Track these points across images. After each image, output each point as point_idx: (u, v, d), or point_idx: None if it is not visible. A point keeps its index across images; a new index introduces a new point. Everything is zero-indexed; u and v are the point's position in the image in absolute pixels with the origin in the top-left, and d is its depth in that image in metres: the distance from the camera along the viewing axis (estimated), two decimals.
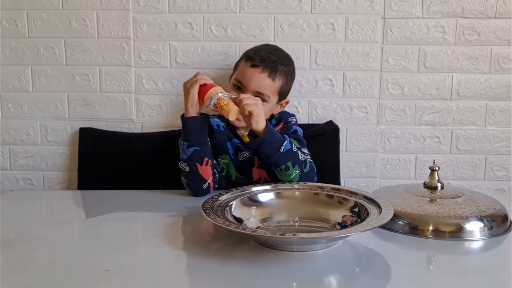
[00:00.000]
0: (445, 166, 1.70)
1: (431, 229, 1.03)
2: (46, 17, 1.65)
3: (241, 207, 1.08)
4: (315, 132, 1.60)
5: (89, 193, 1.46)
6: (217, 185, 1.35)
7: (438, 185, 1.15)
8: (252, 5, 1.62)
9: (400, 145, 1.71)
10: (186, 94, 1.29)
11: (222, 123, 1.44)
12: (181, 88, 1.66)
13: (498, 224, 1.06)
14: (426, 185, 1.16)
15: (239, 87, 1.38)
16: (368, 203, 1.04)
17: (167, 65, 1.67)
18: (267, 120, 1.25)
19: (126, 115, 1.70)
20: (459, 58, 1.65)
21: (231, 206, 1.06)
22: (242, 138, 1.43)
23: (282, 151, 1.24)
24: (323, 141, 1.60)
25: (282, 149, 1.24)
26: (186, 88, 1.29)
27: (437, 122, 1.69)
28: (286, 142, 1.26)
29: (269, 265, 0.89)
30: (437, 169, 1.16)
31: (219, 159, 1.42)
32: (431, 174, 1.16)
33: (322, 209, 1.10)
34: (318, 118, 1.69)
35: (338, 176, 1.64)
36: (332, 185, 1.16)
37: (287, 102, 1.50)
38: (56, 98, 1.70)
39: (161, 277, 0.86)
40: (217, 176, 1.33)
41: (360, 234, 0.98)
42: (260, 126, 1.22)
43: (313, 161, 1.37)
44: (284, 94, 1.45)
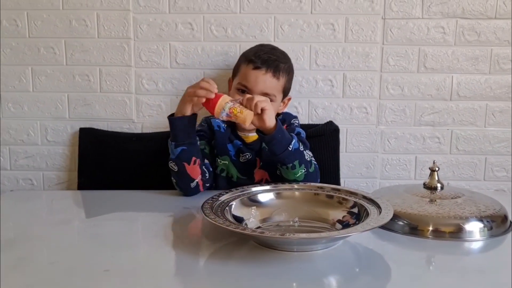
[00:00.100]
0: (445, 167, 1.70)
1: (431, 229, 1.03)
2: (46, 17, 1.65)
3: (241, 207, 1.08)
4: (315, 133, 1.60)
5: (89, 193, 1.46)
6: (208, 184, 1.34)
7: (438, 185, 1.15)
8: (252, 5, 1.62)
9: (400, 145, 1.71)
10: (187, 100, 1.24)
11: (223, 125, 1.44)
12: (181, 88, 1.67)
13: (498, 224, 1.06)
14: (426, 185, 1.16)
15: (244, 91, 1.38)
16: (368, 203, 1.04)
17: (167, 65, 1.67)
18: (277, 118, 1.25)
19: (126, 116, 1.70)
20: (459, 59, 1.65)
21: (231, 206, 1.05)
22: (244, 140, 1.44)
23: (290, 149, 1.24)
24: (323, 141, 1.60)
25: (291, 147, 1.24)
26: (189, 93, 1.23)
27: (437, 123, 1.69)
28: (294, 141, 1.26)
29: (269, 265, 0.89)
30: (437, 169, 1.16)
31: (219, 159, 1.42)
32: (431, 174, 1.16)
33: (322, 209, 1.10)
34: (318, 118, 1.69)
35: (338, 176, 1.64)
36: (332, 185, 1.16)
37: (289, 99, 1.52)
38: (56, 98, 1.70)
39: (161, 277, 0.86)
40: (207, 175, 1.32)
41: (360, 234, 0.98)
42: (272, 123, 1.22)
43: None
44: (287, 91, 1.46)
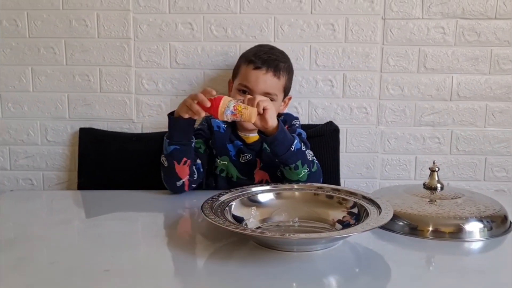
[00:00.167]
0: (445, 167, 1.70)
1: (431, 229, 1.03)
2: (46, 17, 1.65)
3: (241, 207, 1.07)
4: (315, 133, 1.60)
5: (89, 193, 1.45)
6: (194, 185, 1.33)
7: (438, 185, 1.15)
8: (252, 5, 1.62)
9: (400, 145, 1.71)
10: (184, 110, 1.22)
11: (223, 125, 1.44)
12: (181, 88, 1.68)
13: (497, 224, 1.06)
14: (426, 186, 1.16)
15: (245, 92, 1.38)
16: (367, 204, 1.04)
17: (167, 65, 1.67)
18: (278, 119, 1.25)
19: (126, 116, 1.70)
20: (459, 59, 1.65)
21: (231, 206, 1.05)
22: (244, 140, 1.44)
23: (293, 149, 1.24)
24: (323, 142, 1.60)
25: (293, 147, 1.24)
26: (186, 102, 1.21)
27: (437, 123, 1.69)
28: (296, 141, 1.26)
29: (268, 265, 0.89)
30: (437, 169, 1.16)
31: (218, 160, 1.42)
32: (431, 175, 1.16)
33: (322, 209, 1.10)
34: (318, 119, 1.69)
35: (338, 176, 1.64)
36: (331, 186, 1.16)
37: (290, 98, 1.52)
38: (56, 98, 1.70)
39: (161, 277, 0.86)
40: (195, 176, 1.32)
41: (359, 235, 0.98)
42: (273, 123, 1.22)
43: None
44: (287, 90, 1.47)
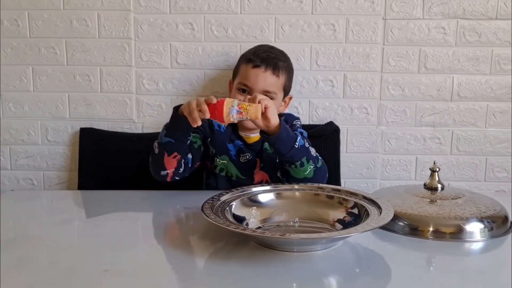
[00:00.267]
0: (445, 167, 1.70)
1: (431, 230, 1.03)
2: (47, 17, 1.65)
3: (241, 208, 1.07)
4: (316, 133, 1.60)
5: (89, 193, 1.46)
6: (177, 177, 1.33)
7: (439, 186, 1.15)
8: (253, 5, 1.62)
9: (400, 145, 1.71)
10: (185, 114, 1.20)
11: (224, 124, 1.44)
12: (181, 88, 1.68)
13: (498, 225, 1.05)
14: (426, 186, 1.16)
15: (245, 90, 1.38)
16: (368, 204, 1.04)
17: (168, 65, 1.67)
18: (280, 117, 1.25)
19: (127, 116, 1.70)
20: (460, 59, 1.65)
21: (231, 207, 1.05)
22: (245, 140, 1.44)
23: (297, 146, 1.24)
24: (324, 142, 1.60)
25: (297, 144, 1.24)
26: (185, 108, 1.19)
27: (437, 124, 1.69)
28: (299, 138, 1.26)
29: (269, 265, 0.89)
30: (437, 170, 1.16)
31: (218, 159, 1.42)
32: (432, 175, 1.16)
33: (322, 209, 1.10)
34: (319, 119, 1.69)
35: (339, 176, 1.64)
36: (332, 186, 1.16)
37: (291, 98, 1.52)
38: (56, 98, 1.70)
39: (161, 277, 0.86)
40: (181, 169, 1.31)
41: (360, 235, 0.98)
42: (276, 121, 1.21)
43: None
44: (287, 89, 1.46)
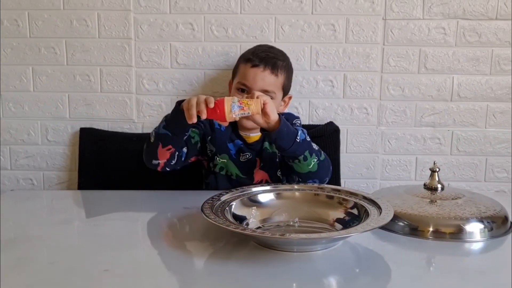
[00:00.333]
0: (445, 167, 1.70)
1: (431, 230, 1.03)
2: (47, 17, 1.65)
3: (241, 208, 1.07)
4: (316, 133, 1.59)
5: (89, 193, 1.46)
6: (168, 169, 1.32)
7: (439, 186, 1.15)
8: (253, 6, 1.62)
9: (400, 146, 1.70)
10: (185, 108, 1.19)
11: (225, 124, 1.44)
12: (181, 88, 1.68)
13: (498, 225, 1.05)
14: (426, 186, 1.16)
15: (244, 90, 1.38)
16: (368, 204, 1.04)
17: (168, 65, 1.67)
18: (279, 113, 1.25)
19: (127, 116, 1.70)
20: (460, 60, 1.65)
21: (231, 207, 1.05)
22: (245, 140, 1.44)
23: (298, 140, 1.24)
24: (324, 142, 1.60)
25: (298, 138, 1.24)
26: (185, 106, 1.18)
27: (437, 124, 1.69)
28: (300, 132, 1.26)
29: (269, 265, 0.89)
30: (437, 170, 1.16)
31: (218, 158, 1.42)
32: (432, 175, 1.16)
33: (322, 209, 1.10)
34: (319, 119, 1.69)
35: (339, 176, 1.64)
36: (332, 186, 1.16)
37: (290, 97, 1.52)
38: (56, 98, 1.70)
39: (160, 277, 0.86)
40: (173, 161, 1.31)
41: (360, 235, 0.98)
42: (275, 117, 1.21)
43: None
44: (286, 89, 1.46)
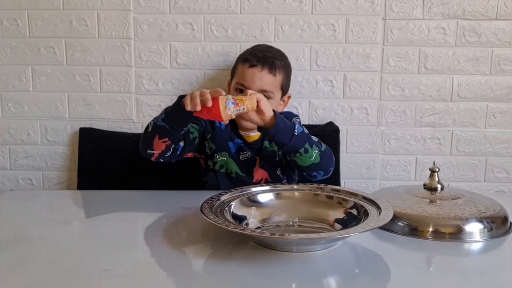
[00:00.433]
0: (445, 168, 1.70)
1: (431, 230, 1.03)
2: (47, 17, 1.65)
3: (240, 208, 1.07)
4: (315, 133, 1.58)
5: (89, 193, 1.46)
6: (163, 160, 1.32)
7: (438, 186, 1.15)
8: (252, 6, 1.62)
9: (400, 146, 1.70)
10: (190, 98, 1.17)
11: (223, 122, 1.43)
12: (181, 88, 1.68)
13: (498, 225, 1.05)
14: (426, 186, 1.16)
15: (242, 90, 1.38)
16: (367, 204, 1.04)
17: (168, 65, 1.67)
18: (274, 110, 1.24)
19: (126, 116, 1.70)
20: (460, 60, 1.65)
21: (231, 207, 1.05)
22: (245, 139, 1.44)
23: (296, 133, 1.24)
24: (323, 142, 1.59)
25: (296, 132, 1.24)
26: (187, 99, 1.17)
27: (437, 124, 1.69)
28: (297, 125, 1.26)
29: (268, 265, 0.89)
30: (437, 170, 1.16)
31: (218, 155, 1.42)
32: (431, 175, 1.16)
33: (322, 209, 1.10)
34: (318, 119, 1.69)
35: (338, 177, 1.64)
36: (331, 186, 1.16)
37: (289, 97, 1.52)
38: (56, 98, 1.70)
39: (160, 277, 0.86)
40: (168, 153, 1.31)
41: (359, 235, 0.98)
42: (269, 113, 1.21)
43: None
44: (285, 88, 1.46)
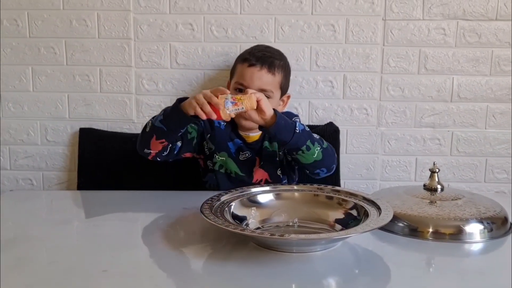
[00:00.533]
0: (445, 168, 1.70)
1: (431, 231, 1.03)
2: (47, 17, 1.65)
3: (240, 208, 1.07)
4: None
5: (88, 193, 1.46)
6: (159, 159, 1.33)
7: (438, 186, 1.15)
8: (252, 6, 1.62)
9: (400, 146, 1.70)
10: (192, 106, 1.18)
11: (223, 122, 1.44)
12: (181, 89, 1.68)
13: (498, 226, 1.05)
14: (426, 187, 1.16)
15: (241, 90, 1.38)
16: (367, 205, 1.04)
17: (168, 66, 1.67)
18: (274, 109, 1.24)
19: (126, 116, 1.70)
20: (460, 60, 1.64)
21: (231, 207, 1.05)
22: (245, 139, 1.44)
23: (297, 131, 1.24)
24: None
25: (297, 129, 1.24)
26: (192, 103, 1.18)
27: (437, 124, 1.69)
28: (298, 123, 1.26)
29: (268, 266, 0.89)
30: (437, 170, 1.16)
31: (217, 155, 1.42)
32: (431, 176, 1.16)
33: (322, 210, 1.10)
34: (319, 119, 1.68)
35: (338, 177, 1.64)
36: (331, 186, 1.16)
37: (289, 97, 1.51)
38: (56, 98, 1.70)
39: (159, 277, 0.86)
40: (165, 153, 1.31)
41: (359, 236, 0.98)
42: (270, 112, 1.21)
43: None
44: (284, 88, 1.46)
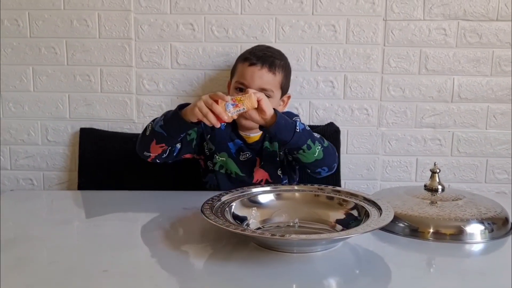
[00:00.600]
0: (446, 168, 1.69)
1: (432, 231, 1.03)
2: (47, 17, 1.65)
3: (241, 208, 1.07)
4: None
5: (89, 193, 1.46)
6: (159, 161, 1.34)
7: (439, 187, 1.15)
8: (253, 6, 1.62)
9: (401, 147, 1.70)
10: (195, 114, 1.19)
11: (224, 123, 1.43)
12: (182, 89, 1.68)
13: (498, 226, 1.05)
14: (426, 187, 1.16)
15: (242, 89, 1.38)
16: (368, 205, 1.04)
17: (168, 66, 1.67)
18: (274, 108, 1.24)
19: (127, 116, 1.70)
20: (461, 61, 1.64)
21: (231, 207, 1.05)
22: (245, 139, 1.44)
23: (298, 130, 1.24)
24: None
25: (298, 128, 1.24)
26: (197, 109, 1.18)
27: (438, 125, 1.69)
28: (298, 122, 1.26)
29: (268, 266, 0.89)
30: (438, 171, 1.16)
31: (217, 156, 1.42)
32: (432, 176, 1.16)
33: (322, 210, 1.10)
34: (319, 120, 1.68)
35: (339, 177, 1.64)
36: (332, 187, 1.16)
37: (289, 97, 1.51)
38: (57, 98, 1.70)
39: (160, 277, 0.86)
40: (164, 155, 1.32)
41: (360, 236, 0.98)
42: (270, 111, 1.21)
43: None
44: (285, 88, 1.46)
